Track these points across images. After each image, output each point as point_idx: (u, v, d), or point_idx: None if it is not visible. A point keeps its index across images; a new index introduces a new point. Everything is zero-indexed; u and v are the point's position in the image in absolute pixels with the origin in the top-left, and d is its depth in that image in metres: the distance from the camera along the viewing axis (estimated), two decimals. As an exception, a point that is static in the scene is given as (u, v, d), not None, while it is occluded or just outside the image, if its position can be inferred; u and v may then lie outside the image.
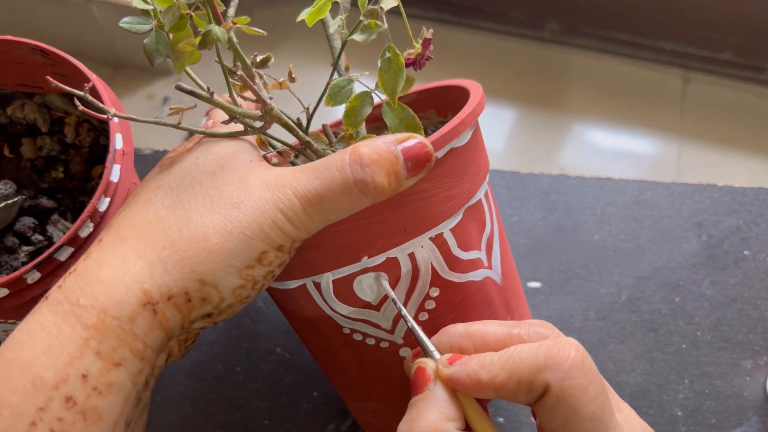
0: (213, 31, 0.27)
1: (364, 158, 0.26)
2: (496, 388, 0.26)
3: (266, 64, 0.31)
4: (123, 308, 0.24)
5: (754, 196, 0.54)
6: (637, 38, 1.51)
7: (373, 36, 0.30)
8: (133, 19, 0.29)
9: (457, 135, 0.29)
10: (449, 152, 0.30)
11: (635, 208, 0.53)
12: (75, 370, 0.23)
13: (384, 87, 0.30)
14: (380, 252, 0.30)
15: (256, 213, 0.26)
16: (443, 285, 0.32)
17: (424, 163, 0.27)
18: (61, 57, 0.39)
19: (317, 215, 0.26)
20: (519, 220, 0.53)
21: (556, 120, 1.45)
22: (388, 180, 0.27)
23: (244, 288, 0.27)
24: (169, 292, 0.25)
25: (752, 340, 0.47)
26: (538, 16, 1.55)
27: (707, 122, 1.43)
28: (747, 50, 1.45)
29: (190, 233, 0.26)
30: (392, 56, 0.29)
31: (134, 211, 0.28)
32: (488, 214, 0.34)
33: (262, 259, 0.26)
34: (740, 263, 0.51)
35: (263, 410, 0.44)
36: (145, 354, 0.25)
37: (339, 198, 0.26)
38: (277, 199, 0.26)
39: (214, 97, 0.28)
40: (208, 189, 0.27)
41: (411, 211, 0.29)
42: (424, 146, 0.27)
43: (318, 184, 0.26)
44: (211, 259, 0.25)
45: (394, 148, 0.27)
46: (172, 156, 0.31)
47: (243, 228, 0.25)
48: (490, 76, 1.51)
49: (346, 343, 0.34)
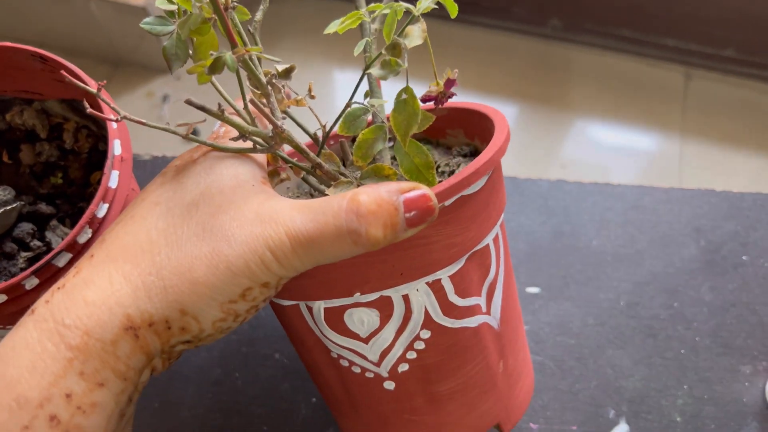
0: (224, 58, 0.26)
1: (361, 208, 0.25)
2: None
3: (289, 75, 0.29)
4: (106, 331, 0.25)
5: (753, 201, 0.54)
6: (639, 35, 1.51)
7: (392, 75, 0.28)
8: (155, 20, 0.28)
9: (468, 185, 0.28)
10: (458, 200, 0.28)
11: (634, 214, 0.53)
12: (59, 389, 0.24)
13: (396, 128, 0.28)
14: (374, 291, 0.29)
15: (245, 249, 0.25)
16: (435, 329, 0.31)
17: (426, 216, 0.26)
18: (60, 63, 0.39)
19: (306, 257, 0.26)
20: (517, 226, 0.53)
21: (557, 117, 1.45)
22: (384, 232, 0.26)
23: (225, 321, 0.26)
24: (150, 318, 0.25)
25: (751, 346, 0.47)
26: (540, 12, 1.54)
27: (709, 119, 1.43)
28: (750, 47, 1.44)
29: (178, 262, 0.26)
30: (408, 98, 0.28)
31: (127, 229, 0.28)
32: (494, 259, 0.32)
33: (246, 294, 0.26)
34: (739, 268, 0.51)
35: (261, 416, 0.44)
36: (127, 375, 0.25)
37: (330, 244, 0.26)
38: (268, 236, 0.25)
39: (225, 115, 0.27)
40: (202, 216, 0.27)
41: (409, 256, 0.28)
42: (428, 199, 0.26)
43: (311, 227, 0.25)
44: (194, 291, 0.25)
45: (396, 198, 0.26)
46: (177, 165, 0.30)
47: (229, 263, 0.25)
48: (492, 73, 1.51)
49: (333, 366, 0.34)
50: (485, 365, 0.33)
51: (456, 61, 1.54)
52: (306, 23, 1.48)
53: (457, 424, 0.34)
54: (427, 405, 0.33)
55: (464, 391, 0.33)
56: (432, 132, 0.40)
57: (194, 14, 0.26)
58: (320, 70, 1.44)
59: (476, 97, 1.47)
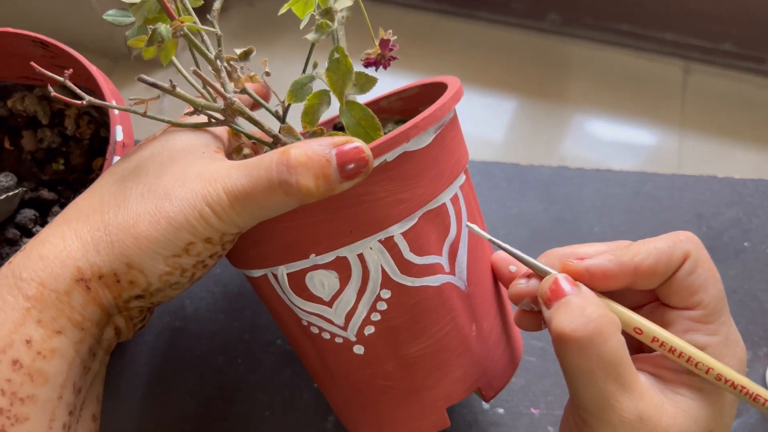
0: (159, 29, 0.27)
1: (291, 160, 0.26)
2: (634, 269, 0.28)
3: (247, 57, 0.31)
4: (59, 282, 0.26)
5: (755, 187, 0.54)
6: (637, 29, 1.51)
7: (323, 36, 0.29)
8: (117, 12, 0.31)
9: (407, 139, 0.29)
10: (401, 156, 0.29)
11: (635, 200, 0.53)
12: (19, 336, 0.26)
13: (332, 87, 0.29)
14: (328, 250, 0.30)
15: (184, 204, 0.27)
16: (395, 288, 0.31)
17: (360, 168, 0.27)
18: (61, 49, 0.39)
19: (244, 212, 0.27)
20: (519, 212, 0.53)
21: (556, 111, 1.45)
22: (316, 183, 0.26)
23: (172, 275, 0.28)
24: (100, 271, 0.27)
25: (752, 332, 0.48)
26: (539, 7, 1.54)
27: (708, 113, 1.43)
28: (748, 41, 1.44)
29: (123, 219, 0.27)
30: (341, 57, 0.29)
31: (84, 196, 0.30)
32: (454, 219, 0.33)
33: (189, 249, 0.27)
34: (740, 255, 0.51)
35: (264, 402, 0.44)
36: (84, 325, 0.27)
37: (264, 197, 0.26)
38: (206, 193, 0.27)
39: (177, 90, 0.29)
40: (149, 178, 0.28)
41: (356, 213, 0.29)
42: (361, 151, 0.27)
43: (245, 182, 0.27)
44: (137, 245, 0.27)
45: (327, 151, 0.27)
46: (140, 144, 0.32)
47: (170, 218, 0.27)
48: (491, 67, 1.51)
49: (305, 334, 0.34)
50: (454, 327, 0.33)
51: (455, 55, 1.54)
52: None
53: (433, 389, 0.33)
54: (399, 370, 0.33)
55: (435, 354, 0.33)
56: (407, 112, 0.41)
57: (148, 1, 0.28)
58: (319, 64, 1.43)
59: (475, 91, 1.47)
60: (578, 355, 0.26)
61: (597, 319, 0.26)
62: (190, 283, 0.29)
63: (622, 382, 0.26)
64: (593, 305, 0.27)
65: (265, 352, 0.46)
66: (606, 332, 0.26)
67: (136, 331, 0.31)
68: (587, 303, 0.27)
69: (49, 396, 0.26)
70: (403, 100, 0.41)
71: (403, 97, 0.40)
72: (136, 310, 0.30)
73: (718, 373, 0.27)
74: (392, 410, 0.34)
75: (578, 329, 0.26)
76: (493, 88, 1.48)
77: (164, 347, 0.46)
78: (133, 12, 0.29)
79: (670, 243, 0.28)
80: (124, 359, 0.45)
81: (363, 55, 0.33)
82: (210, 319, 0.47)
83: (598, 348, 0.26)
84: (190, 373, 0.45)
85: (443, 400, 0.34)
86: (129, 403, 0.44)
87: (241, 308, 0.48)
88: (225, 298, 0.48)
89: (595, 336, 0.26)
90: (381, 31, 0.32)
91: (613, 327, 0.26)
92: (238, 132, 0.32)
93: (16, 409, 0.25)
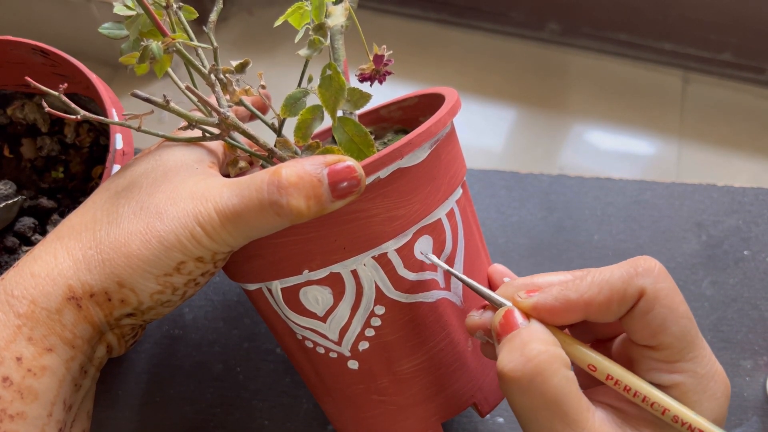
0: (150, 47, 0.27)
1: (282, 180, 0.26)
2: (585, 305, 0.26)
3: (244, 69, 0.31)
4: (51, 300, 0.26)
5: (754, 196, 0.54)
6: (636, 39, 1.51)
7: (316, 53, 0.29)
8: (113, 24, 0.31)
9: (401, 156, 0.28)
10: (395, 172, 0.29)
11: (635, 208, 0.53)
12: (10, 353, 0.25)
13: (325, 104, 0.29)
14: (321, 267, 0.29)
15: (176, 224, 0.27)
16: (389, 304, 0.31)
17: (353, 187, 0.27)
18: (61, 57, 0.39)
19: (235, 231, 0.27)
20: (519, 220, 0.53)
21: (555, 120, 1.45)
22: (307, 204, 0.26)
23: (163, 293, 0.28)
24: (91, 290, 0.27)
25: (752, 340, 0.47)
26: (538, 17, 1.55)
27: (707, 123, 1.43)
28: (747, 51, 1.45)
29: (115, 237, 0.27)
30: (333, 74, 0.28)
31: (78, 212, 0.29)
32: (449, 234, 0.32)
33: (181, 268, 0.27)
34: (740, 263, 0.51)
35: (263, 410, 0.44)
36: (75, 343, 0.27)
37: (255, 217, 0.26)
38: (198, 212, 0.27)
39: (170, 105, 0.28)
40: (142, 195, 0.28)
41: (349, 229, 0.29)
42: (353, 170, 0.27)
43: (236, 201, 0.26)
44: (129, 264, 0.27)
45: (319, 171, 0.26)
46: (135, 158, 0.32)
47: (161, 238, 0.26)
48: (490, 77, 1.51)
49: (301, 348, 0.34)
50: (449, 343, 0.33)
51: (455, 64, 1.55)
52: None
53: (428, 404, 0.33)
54: (393, 385, 0.33)
55: (430, 370, 0.33)
56: (407, 121, 0.41)
57: (142, 15, 0.28)
58: (317, 73, 1.44)
59: (475, 100, 1.47)
60: (520, 395, 0.25)
61: (536, 357, 0.25)
62: (182, 300, 0.29)
63: (569, 421, 0.25)
64: (537, 341, 0.26)
65: (264, 360, 0.46)
66: (547, 371, 0.25)
67: (128, 347, 0.31)
68: (532, 339, 0.26)
69: (39, 413, 0.26)
70: (402, 110, 0.41)
71: (402, 106, 0.40)
72: (128, 327, 0.30)
73: (674, 414, 0.26)
74: (387, 424, 0.34)
75: (516, 369, 0.25)
76: (492, 97, 1.48)
77: (163, 355, 0.46)
78: (127, 26, 0.29)
79: (625, 277, 0.26)
80: (122, 367, 0.45)
81: (357, 70, 0.33)
82: (209, 328, 0.47)
83: (539, 387, 0.25)
84: (189, 381, 0.45)
85: (439, 415, 0.34)
86: (128, 411, 0.44)
87: (240, 316, 0.48)
88: (224, 307, 0.48)
89: (536, 376, 0.25)
90: (375, 47, 0.32)
91: (556, 364, 0.25)
92: (234, 146, 0.32)
93: (5, 426, 0.25)
